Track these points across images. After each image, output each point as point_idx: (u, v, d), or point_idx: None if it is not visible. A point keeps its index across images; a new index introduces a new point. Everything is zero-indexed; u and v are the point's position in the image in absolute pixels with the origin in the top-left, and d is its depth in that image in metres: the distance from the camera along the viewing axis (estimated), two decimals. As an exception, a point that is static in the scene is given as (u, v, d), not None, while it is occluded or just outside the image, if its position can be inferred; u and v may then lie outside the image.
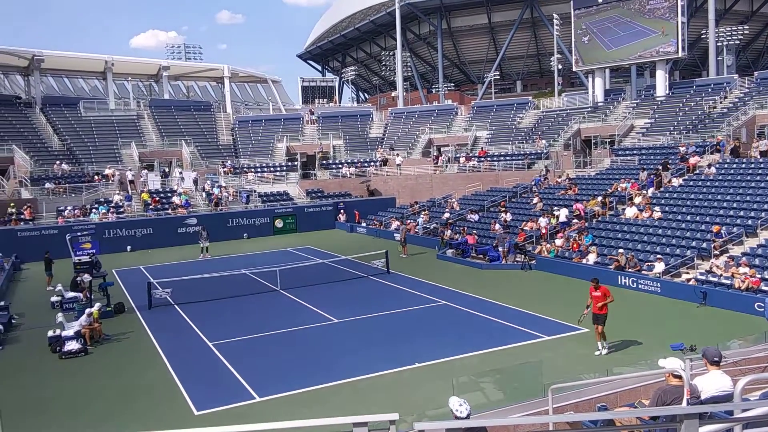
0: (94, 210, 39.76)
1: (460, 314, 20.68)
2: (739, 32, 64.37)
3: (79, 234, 27.64)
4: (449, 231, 33.04)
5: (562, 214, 30.61)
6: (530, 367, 13.56)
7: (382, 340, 18.31)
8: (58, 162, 45.34)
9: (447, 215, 36.86)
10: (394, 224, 38.82)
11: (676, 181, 31.31)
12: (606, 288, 16.36)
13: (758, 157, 31.64)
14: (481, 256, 29.08)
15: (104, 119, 53.14)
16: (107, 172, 44.77)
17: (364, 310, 21.55)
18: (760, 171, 28.86)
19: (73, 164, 46.38)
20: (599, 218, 30.05)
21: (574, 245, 27.35)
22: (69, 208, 39.61)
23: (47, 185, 41.88)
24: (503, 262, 28.30)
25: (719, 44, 61.46)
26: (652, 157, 36.20)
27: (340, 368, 15.62)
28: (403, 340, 18.04)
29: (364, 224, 42.15)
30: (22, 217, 38.22)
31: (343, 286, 26.00)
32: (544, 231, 29.68)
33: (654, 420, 7.43)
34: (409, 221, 38.50)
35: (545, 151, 44.00)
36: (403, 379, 14.94)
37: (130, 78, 69.99)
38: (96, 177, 44.28)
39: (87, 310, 19.55)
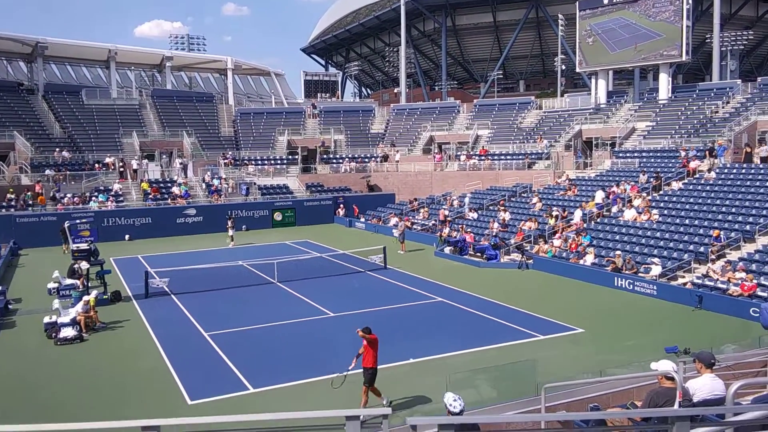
0: (93, 198, 39.75)
1: (456, 311, 20.71)
2: (744, 38, 64.20)
3: (77, 222, 27.57)
4: (447, 228, 33.07)
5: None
6: (524, 365, 13.59)
7: (377, 335, 18.28)
8: (58, 149, 45.30)
9: (446, 212, 36.87)
10: (393, 220, 38.84)
11: (676, 185, 31.34)
12: (375, 337, 13.32)
13: (759, 163, 31.65)
14: (479, 254, 29.12)
15: (106, 108, 53.08)
16: (108, 160, 44.75)
17: (361, 304, 21.60)
18: (759, 177, 28.88)
19: (74, 152, 46.33)
20: (597, 220, 30.09)
21: (572, 245, 27.38)
22: (68, 195, 39.60)
23: (47, 172, 41.88)
24: (500, 260, 28.35)
25: (723, 49, 61.30)
26: (652, 160, 36.20)
27: (335, 362, 15.59)
28: (398, 336, 18.06)
29: (362, 219, 42.16)
30: (30, 202, 38.12)
31: (340, 280, 26.02)
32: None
33: (646, 421, 7.46)
34: (407, 217, 38.53)
35: (546, 151, 43.99)
36: (397, 375, 14.97)
37: (133, 67, 69.81)
38: (96, 165, 44.25)
39: (84, 298, 19.58)
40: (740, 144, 34.31)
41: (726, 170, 31.19)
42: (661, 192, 31.19)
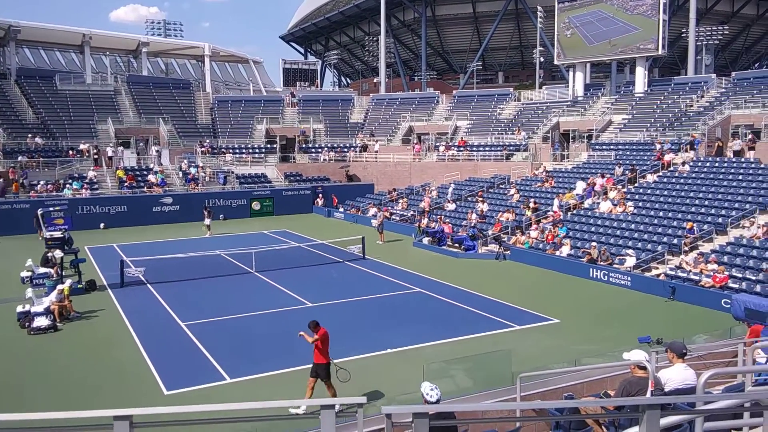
0: (67, 185, 39.13)
1: (433, 302, 20.82)
2: (719, 32, 65.01)
3: (51, 209, 27.16)
4: (426, 219, 33.17)
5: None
6: (500, 355, 13.71)
7: (355, 324, 18.39)
8: (31, 135, 44.47)
9: (430, 200, 36.95)
10: (372, 210, 38.84)
11: (651, 177, 31.74)
12: (324, 331, 12.57)
13: (731, 156, 32.18)
14: (457, 244, 29.26)
15: (80, 93, 52.15)
16: (82, 147, 44.03)
17: (339, 294, 21.61)
18: (732, 170, 29.38)
19: (48, 138, 45.52)
20: (574, 211, 30.39)
21: (549, 237, 27.63)
22: (42, 182, 38.93)
23: (20, 159, 41.10)
24: (478, 251, 28.52)
25: (699, 44, 62.01)
26: (628, 153, 36.60)
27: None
28: (376, 326, 18.15)
29: (341, 209, 42.10)
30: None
31: (319, 270, 25.99)
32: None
33: (618, 410, 7.59)
34: (386, 207, 38.55)
35: (524, 143, 44.24)
36: (374, 364, 15.04)
37: (108, 52, 68.77)
38: (70, 152, 43.54)
39: (58, 287, 19.33)
40: (714, 138, 34.82)
41: (699, 163, 31.66)
42: (636, 184, 31.58)
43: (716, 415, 5.48)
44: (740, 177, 28.40)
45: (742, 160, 30.88)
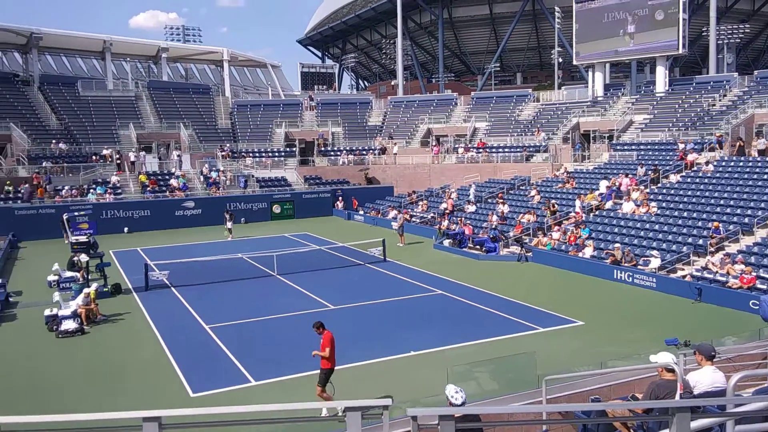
0: (91, 190, 39.67)
1: (455, 304, 20.78)
2: (740, 31, 64.17)
3: (76, 214, 27.60)
4: (446, 221, 33.13)
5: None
6: (524, 357, 13.65)
7: (377, 327, 18.42)
8: (55, 141, 45.16)
9: (453, 201, 36.90)
10: (392, 213, 38.86)
11: (674, 178, 31.40)
12: (329, 335, 12.43)
13: (756, 155, 31.72)
14: (478, 246, 29.18)
15: (102, 99, 52.85)
16: (105, 152, 44.61)
17: (360, 297, 21.65)
18: (757, 169, 28.96)
19: (71, 144, 46.19)
20: (596, 212, 30.16)
21: (571, 238, 27.43)
22: (66, 187, 39.51)
23: (45, 164, 41.75)
24: (499, 253, 28.42)
25: (720, 42, 61.25)
26: (650, 153, 36.25)
27: (335, 354, 15.67)
28: (398, 328, 18.14)
29: (361, 212, 42.19)
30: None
31: (340, 273, 26.07)
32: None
33: (647, 413, 7.52)
34: (406, 210, 38.55)
35: (544, 144, 44.01)
36: (397, 367, 15.05)
37: (128, 58, 69.47)
38: (94, 157, 44.13)
39: (84, 290, 19.60)
40: (736, 137, 34.35)
41: (724, 163, 31.26)
42: (659, 185, 31.27)
43: (747, 417, 5.42)
44: (765, 176, 27.96)
45: (767, 159, 30.42)
